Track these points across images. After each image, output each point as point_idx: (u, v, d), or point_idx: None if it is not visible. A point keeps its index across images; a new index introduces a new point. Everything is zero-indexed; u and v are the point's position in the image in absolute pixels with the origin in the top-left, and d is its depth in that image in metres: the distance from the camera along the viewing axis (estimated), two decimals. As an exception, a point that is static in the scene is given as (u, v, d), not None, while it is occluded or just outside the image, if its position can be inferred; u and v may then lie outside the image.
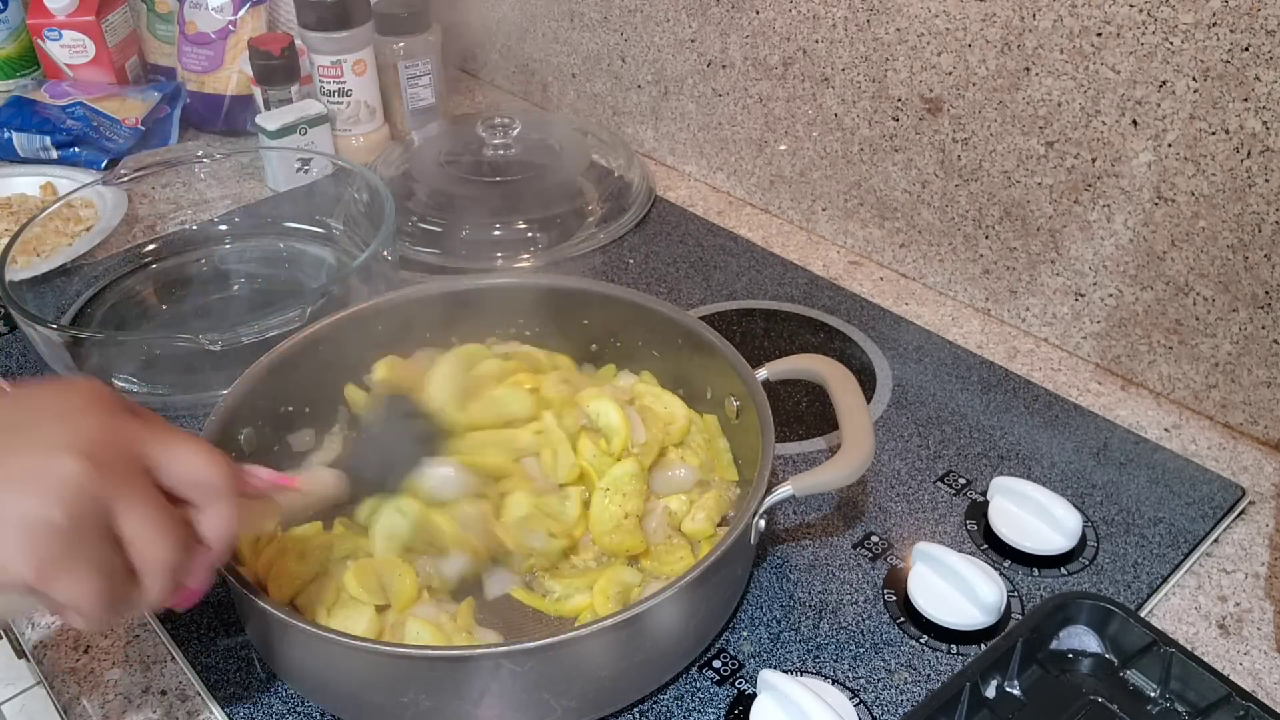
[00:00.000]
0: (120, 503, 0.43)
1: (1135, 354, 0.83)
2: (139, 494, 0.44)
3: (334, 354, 0.73)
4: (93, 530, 0.42)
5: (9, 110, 1.18)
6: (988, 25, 0.81)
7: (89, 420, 0.44)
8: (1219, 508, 0.72)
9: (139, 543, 0.44)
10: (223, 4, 1.20)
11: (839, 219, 1.01)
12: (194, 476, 0.46)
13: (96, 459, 0.42)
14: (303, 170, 1.07)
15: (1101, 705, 0.57)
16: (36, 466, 0.42)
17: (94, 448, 0.43)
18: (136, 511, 0.43)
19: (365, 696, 0.56)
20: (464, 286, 0.78)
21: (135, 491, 0.44)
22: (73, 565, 0.42)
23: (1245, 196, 0.72)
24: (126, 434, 0.45)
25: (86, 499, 0.42)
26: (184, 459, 0.46)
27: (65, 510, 0.41)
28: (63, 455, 0.42)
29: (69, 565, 0.42)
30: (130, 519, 0.43)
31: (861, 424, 0.62)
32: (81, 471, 0.42)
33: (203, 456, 0.47)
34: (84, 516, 0.42)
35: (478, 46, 1.39)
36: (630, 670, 0.58)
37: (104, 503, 0.42)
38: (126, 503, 0.43)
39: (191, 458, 0.46)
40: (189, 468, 0.46)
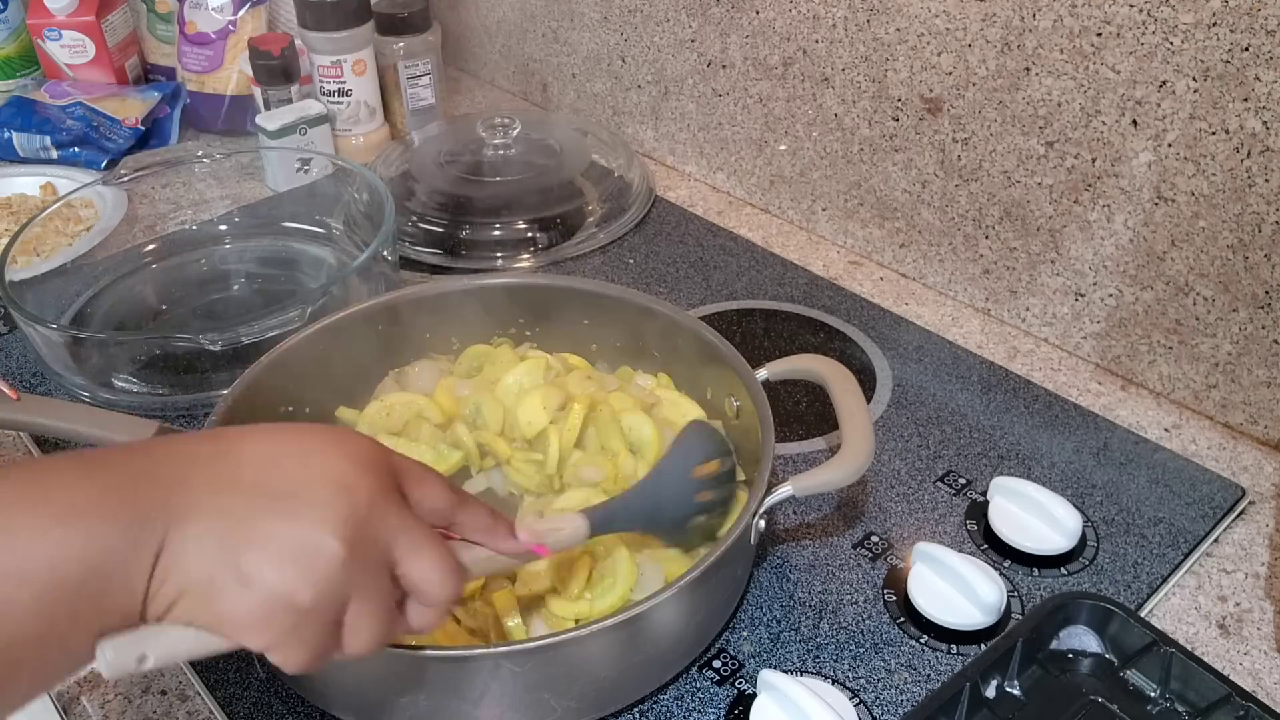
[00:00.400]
0: (357, 596, 0.43)
1: (1135, 354, 0.83)
2: (376, 593, 0.44)
3: (334, 355, 0.73)
4: (326, 616, 0.43)
5: (9, 110, 1.18)
6: (988, 25, 0.81)
7: (359, 501, 0.44)
8: (1219, 508, 0.72)
9: (355, 633, 0.44)
10: (223, 4, 1.20)
11: (839, 219, 1.01)
12: (426, 589, 0.46)
13: (353, 547, 0.43)
14: (303, 170, 1.07)
15: (1101, 705, 0.57)
16: (302, 542, 0.42)
17: (354, 534, 0.43)
18: (366, 608, 0.44)
19: (365, 696, 0.56)
20: (464, 286, 0.78)
21: (374, 590, 0.44)
22: (295, 642, 0.42)
23: (1245, 196, 0.72)
24: (386, 525, 0.45)
25: (333, 587, 0.42)
26: (425, 569, 0.46)
27: (313, 595, 0.42)
28: (327, 538, 0.42)
29: (294, 640, 0.42)
30: (358, 613, 0.44)
31: (862, 424, 0.62)
32: (339, 559, 0.42)
33: (442, 572, 0.47)
34: (324, 602, 0.42)
35: (478, 46, 1.39)
36: (630, 670, 0.58)
37: (345, 593, 0.43)
38: (362, 598, 0.44)
39: (432, 571, 0.46)
40: (425, 580, 0.46)
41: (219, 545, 0.40)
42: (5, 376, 0.87)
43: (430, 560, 0.46)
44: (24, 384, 0.86)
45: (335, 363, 0.74)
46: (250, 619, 0.41)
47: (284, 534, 0.42)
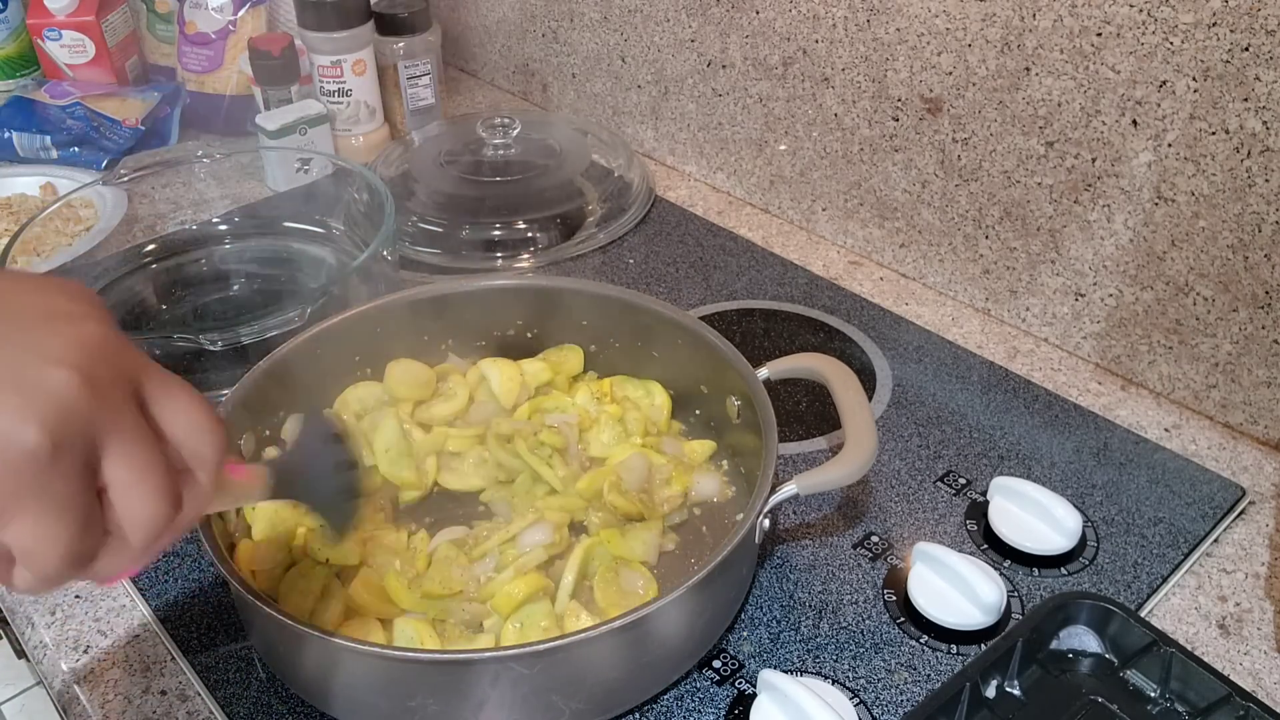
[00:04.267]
0: (112, 437, 0.35)
1: (1135, 354, 0.83)
2: (134, 431, 0.36)
3: (334, 355, 0.73)
4: (74, 463, 0.34)
5: (9, 110, 1.18)
6: (988, 25, 0.81)
7: (89, 328, 0.36)
8: (1219, 508, 0.72)
9: (128, 493, 0.36)
10: (223, 4, 1.20)
11: (839, 219, 1.01)
12: (191, 433, 0.39)
13: (93, 378, 0.35)
14: (303, 170, 1.07)
15: (1101, 705, 0.57)
16: (22, 376, 0.33)
17: (92, 364, 0.35)
18: (129, 452, 0.36)
19: (372, 701, 0.56)
20: (464, 287, 0.78)
21: (130, 427, 0.36)
22: (40, 502, 0.33)
23: (1245, 196, 0.72)
24: (127, 356, 0.37)
25: (74, 422, 0.34)
26: (186, 409, 0.39)
27: (47, 432, 0.33)
28: (55, 367, 0.34)
29: (35, 501, 0.33)
30: (121, 460, 0.35)
31: (864, 422, 0.62)
32: (75, 388, 0.34)
33: (205, 412, 0.39)
34: (67, 444, 0.34)
35: (478, 46, 1.39)
36: (638, 671, 0.58)
37: (93, 433, 0.35)
38: (119, 439, 0.35)
39: (194, 410, 0.39)
40: (189, 420, 0.39)
41: None
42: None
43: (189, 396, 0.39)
44: (24, 384, 0.86)
45: (335, 363, 0.74)
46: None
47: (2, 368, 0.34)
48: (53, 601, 0.66)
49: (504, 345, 0.79)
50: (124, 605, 0.66)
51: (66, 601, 0.66)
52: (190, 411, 0.39)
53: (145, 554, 0.38)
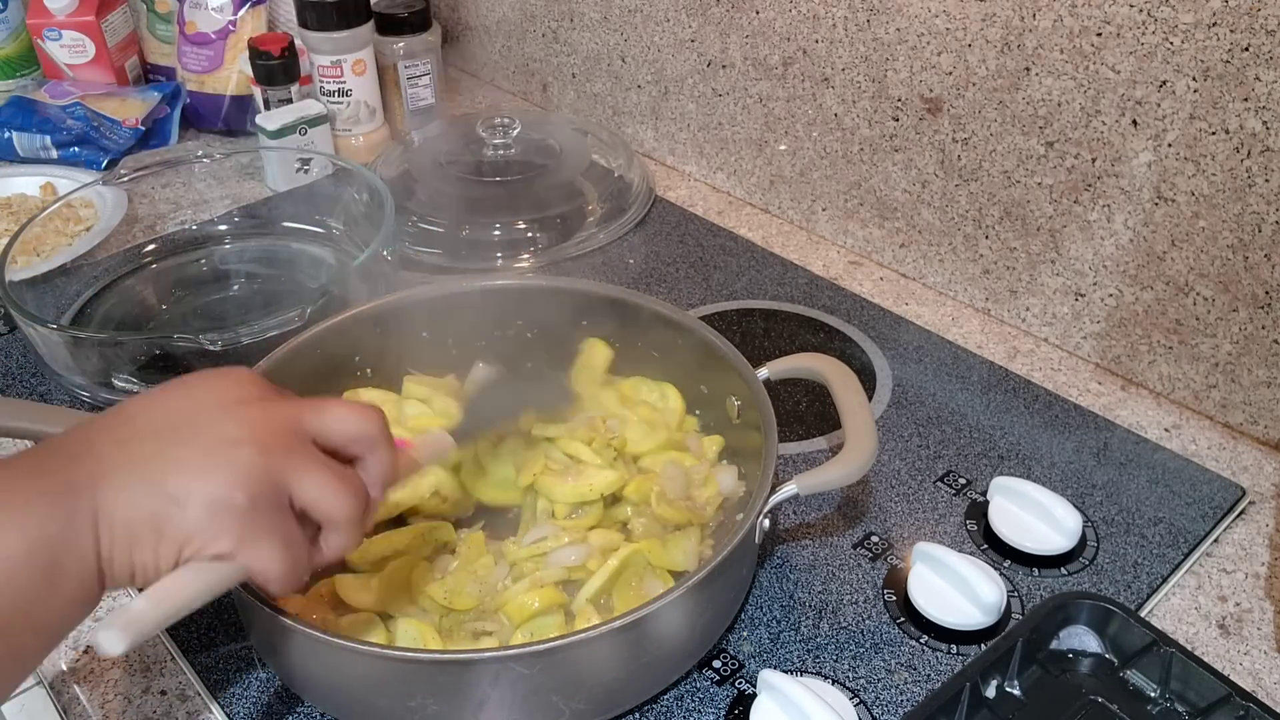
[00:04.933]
0: (292, 475, 0.47)
1: (1135, 354, 0.83)
2: (307, 464, 0.48)
3: (334, 355, 0.73)
4: (270, 505, 0.46)
5: (9, 110, 1.18)
6: (988, 25, 0.81)
7: (252, 411, 0.48)
8: (1219, 508, 0.72)
9: (320, 504, 0.48)
10: (223, 4, 1.20)
11: (839, 219, 1.01)
12: (351, 431, 0.51)
13: (265, 444, 0.47)
14: (303, 170, 1.07)
15: (1101, 705, 0.57)
16: (218, 459, 0.46)
17: (262, 434, 0.47)
18: (308, 479, 0.48)
19: (372, 701, 0.56)
20: (464, 287, 0.78)
21: (303, 462, 0.48)
22: (258, 537, 0.46)
23: (1245, 196, 0.72)
24: (284, 414, 0.49)
25: (262, 480, 0.46)
26: (339, 419, 0.50)
27: (244, 489, 0.45)
28: (239, 447, 0.46)
29: (255, 538, 0.46)
30: (304, 487, 0.48)
31: (864, 422, 0.62)
32: (256, 457, 0.46)
33: (354, 411, 0.51)
34: (261, 495, 0.46)
35: (478, 46, 1.39)
36: (639, 671, 0.58)
37: (278, 480, 0.47)
38: (297, 474, 0.47)
39: (345, 415, 0.51)
40: (345, 424, 0.50)
41: (143, 485, 0.44)
42: (5, 376, 0.87)
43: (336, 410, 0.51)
44: (24, 384, 0.86)
45: (335, 363, 0.74)
46: (201, 530, 0.45)
47: (194, 453, 0.46)
48: (53, 601, 0.66)
49: (504, 345, 0.79)
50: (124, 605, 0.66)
51: (66, 601, 0.66)
52: (340, 418, 0.51)
53: (359, 528, 0.51)
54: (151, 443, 0.46)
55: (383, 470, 0.52)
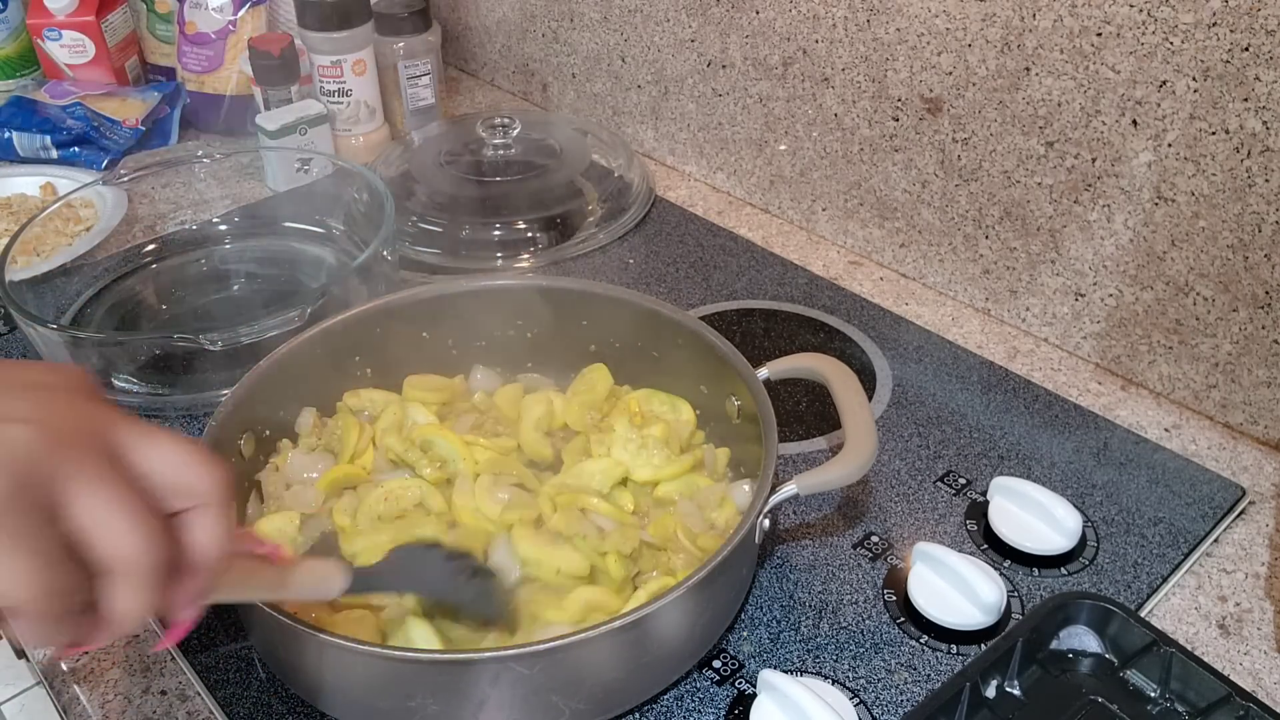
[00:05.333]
0: (74, 482, 0.36)
1: (1135, 354, 0.83)
2: (99, 474, 0.36)
3: (334, 355, 0.73)
4: (29, 504, 0.35)
5: (9, 110, 1.18)
6: (988, 25, 0.81)
7: (58, 398, 0.38)
8: (1219, 508, 0.72)
9: (100, 532, 0.36)
10: (223, 4, 1.20)
11: (839, 219, 1.01)
12: (177, 474, 0.39)
13: (53, 432, 0.36)
14: (303, 170, 1.07)
15: (1101, 705, 0.57)
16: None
17: (54, 421, 0.36)
18: (95, 494, 0.36)
19: (371, 701, 0.56)
20: (464, 287, 0.78)
21: (94, 471, 0.36)
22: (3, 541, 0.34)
23: (1245, 196, 0.72)
24: (97, 418, 0.38)
25: (28, 469, 0.35)
26: (166, 452, 0.39)
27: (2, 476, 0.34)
28: (15, 424, 0.36)
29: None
30: (85, 502, 0.36)
31: (864, 422, 0.62)
32: (32, 440, 0.35)
33: (189, 451, 0.39)
34: (21, 488, 0.35)
35: (478, 46, 1.39)
36: (638, 671, 0.58)
37: (52, 479, 0.35)
38: (82, 483, 0.36)
39: (175, 451, 0.39)
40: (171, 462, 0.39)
41: None
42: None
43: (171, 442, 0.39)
44: (24, 384, 0.86)
45: (335, 363, 0.74)
46: None
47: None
48: (53, 601, 0.66)
49: (504, 345, 0.79)
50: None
51: (66, 601, 0.66)
52: (172, 450, 0.39)
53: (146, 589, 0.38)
54: None
55: (207, 540, 0.40)
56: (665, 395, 0.75)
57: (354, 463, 0.71)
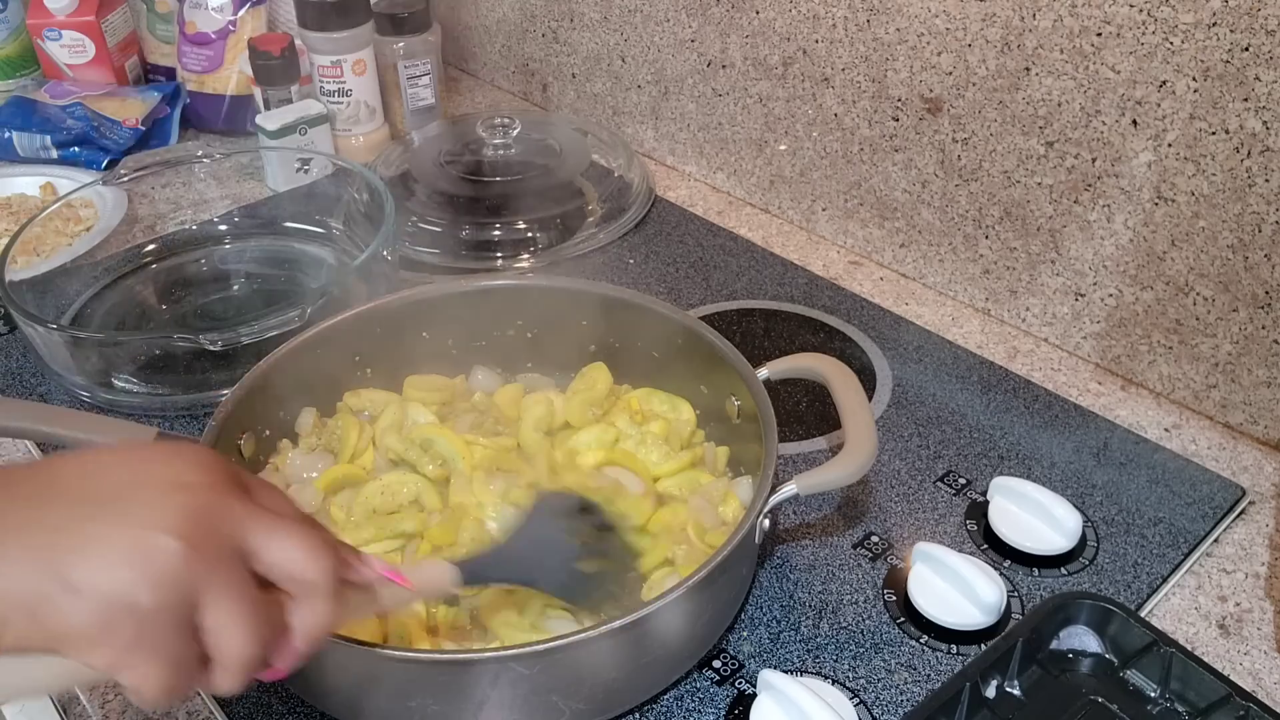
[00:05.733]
0: (209, 592, 0.40)
1: (1135, 354, 0.83)
2: (229, 585, 0.41)
3: (334, 355, 0.73)
4: (174, 618, 0.39)
5: (9, 110, 1.18)
6: (988, 25, 0.81)
7: (195, 498, 0.41)
8: (1219, 508, 0.72)
9: (220, 636, 0.41)
10: (223, 4, 1.20)
11: (839, 219, 1.01)
12: (292, 570, 0.43)
13: (194, 541, 0.39)
14: (303, 170, 1.07)
15: (1101, 705, 0.57)
16: (134, 543, 0.38)
17: (194, 529, 0.40)
18: (223, 604, 0.40)
19: (371, 702, 0.56)
20: (464, 287, 0.78)
21: (226, 581, 0.41)
22: (146, 652, 0.39)
23: (1245, 196, 0.72)
24: (230, 517, 0.42)
25: (175, 583, 0.39)
26: (285, 549, 0.43)
27: (153, 594, 0.38)
28: (162, 535, 0.39)
29: (141, 652, 0.38)
30: (215, 611, 0.40)
31: (864, 422, 0.62)
32: (177, 554, 0.39)
33: (305, 549, 0.43)
34: (169, 602, 0.39)
35: (478, 46, 1.39)
36: (638, 671, 0.58)
37: (192, 590, 0.39)
38: (215, 593, 0.40)
39: (293, 549, 0.43)
40: (289, 559, 0.43)
41: (39, 558, 0.37)
42: (5, 376, 0.87)
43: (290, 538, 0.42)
44: (24, 384, 0.86)
45: (335, 363, 0.74)
46: (87, 629, 0.37)
47: (112, 536, 0.38)
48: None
49: (504, 345, 0.79)
50: None
51: (66, 601, 0.66)
52: (287, 549, 0.43)
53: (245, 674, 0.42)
54: (67, 510, 0.39)
55: (310, 625, 0.44)
56: (665, 395, 0.75)
57: (354, 462, 0.71)
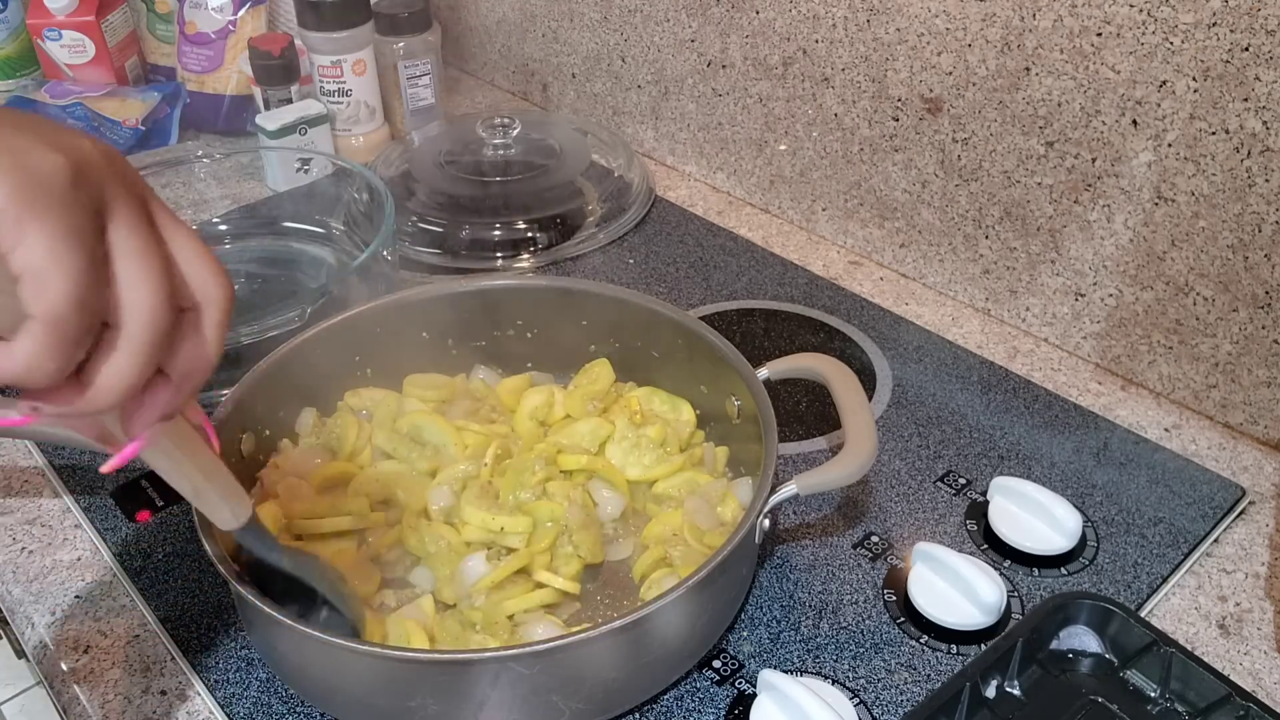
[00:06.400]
0: (120, 204, 0.36)
1: (1135, 354, 0.83)
2: (141, 216, 0.37)
3: (334, 355, 0.73)
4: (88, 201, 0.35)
5: (9, 110, 1.18)
6: (988, 25, 0.81)
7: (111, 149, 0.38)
8: (1219, 508, 0.72)
9: (128, 269, 0.36)
10: (223, 4, 1.20)
11: (839, 219, 1.01)
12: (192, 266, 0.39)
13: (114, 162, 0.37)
14: (303, 170, 1.07)
15: (1101, 705, 0.57)
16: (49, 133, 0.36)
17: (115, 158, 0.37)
18: (135, 229, 0.36)
19: (372, 701, 0.56)
20: (464, 287, 0.78)
21: (138, 211, 0.37)
22: (55, 220, 0.34)
23: (1245, 196, 0.72)
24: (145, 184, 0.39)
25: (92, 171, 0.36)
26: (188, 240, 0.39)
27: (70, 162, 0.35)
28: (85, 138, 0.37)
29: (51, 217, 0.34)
30: (126, 227, 0.36)
31: (864, 422, 0.62)
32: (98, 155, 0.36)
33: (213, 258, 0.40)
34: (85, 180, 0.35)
35: (478, 46, 1.39)
36: (638, 671, 0.58)
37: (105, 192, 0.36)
38: (129, 214, 0.36)
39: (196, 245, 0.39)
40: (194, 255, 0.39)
41: None
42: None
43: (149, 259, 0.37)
44: (24, 384, 0.86)
45: (335, 363, 0.74)
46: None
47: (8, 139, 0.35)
48: (53, 601, 0.66)
49: (504, 345, 0.79)
50: (124, 605, 0.66)
51: (66, 601, 0.66)
52: (193, 242, 0.39)
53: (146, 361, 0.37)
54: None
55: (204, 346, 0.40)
56: (666, 395, 0.75)
57: (352, 460, 0.71)
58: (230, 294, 0.40)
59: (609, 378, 0.76)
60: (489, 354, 0.79)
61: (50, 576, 0.68)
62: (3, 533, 0.71)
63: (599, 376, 0.76)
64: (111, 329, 0.37)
